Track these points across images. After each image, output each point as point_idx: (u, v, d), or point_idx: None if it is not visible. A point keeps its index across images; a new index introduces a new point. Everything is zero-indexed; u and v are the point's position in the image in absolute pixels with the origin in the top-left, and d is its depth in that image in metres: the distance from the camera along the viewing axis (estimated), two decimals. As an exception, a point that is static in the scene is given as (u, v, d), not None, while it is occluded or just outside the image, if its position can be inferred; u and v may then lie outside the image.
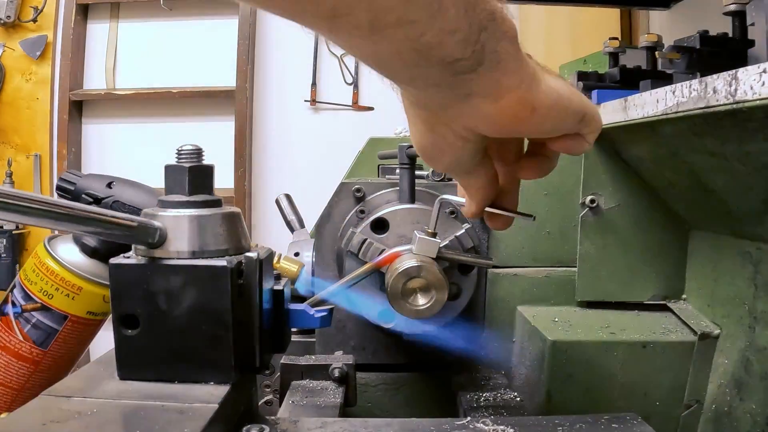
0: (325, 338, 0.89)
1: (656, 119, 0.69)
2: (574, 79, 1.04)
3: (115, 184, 0.73)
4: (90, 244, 0.78)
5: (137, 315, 0.52)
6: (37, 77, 3.21)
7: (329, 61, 3.27)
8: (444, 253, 0.73)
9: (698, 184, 0.74)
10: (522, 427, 0.55)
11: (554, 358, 0.79)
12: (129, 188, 0.74)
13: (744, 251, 0.74)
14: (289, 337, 0.60)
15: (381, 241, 0.79)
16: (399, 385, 0.88)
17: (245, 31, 3.11)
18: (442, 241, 0.76)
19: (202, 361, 0.52)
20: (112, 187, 0.73)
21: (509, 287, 0.88)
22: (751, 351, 0.72)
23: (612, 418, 0.57)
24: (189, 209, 0.54)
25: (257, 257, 0.54)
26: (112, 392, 0.51)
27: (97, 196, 0.72)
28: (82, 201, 0.71)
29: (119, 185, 0.73)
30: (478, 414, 0.73)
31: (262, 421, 0.55)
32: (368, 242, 0.77)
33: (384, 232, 0.80)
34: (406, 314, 0.74)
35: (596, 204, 0.86)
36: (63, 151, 3.15)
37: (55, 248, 0.78)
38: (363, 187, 0.86)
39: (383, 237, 0.80)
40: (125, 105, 3.28)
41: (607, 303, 0.88)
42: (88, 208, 0.49)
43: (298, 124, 3.28)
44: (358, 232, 0.78)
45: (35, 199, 0.45)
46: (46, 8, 3.13)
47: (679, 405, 0.79)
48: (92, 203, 0.71)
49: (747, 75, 0.52)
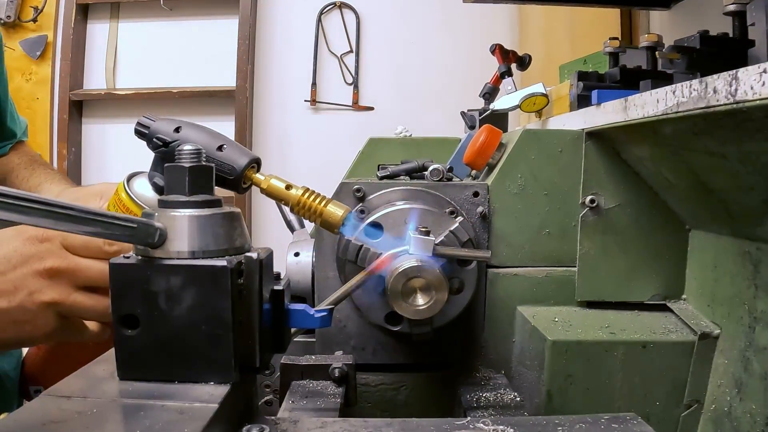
0: (325, 338, 0.89)
1: (656, 119, 0.69)
2: (575, 79, 1.04)
3: (182, 128, 0.75)
4: (160, 183, 0.81)
5: (137, 315, 0.52)
6: (37, 77, 3.21)
7: (329, 61, 3.27)
8: (440, 250, 0.74)
9: (698, 184, 0.74)
10: (522, 427, 0.55)
11: (554, 358, 0.79)
12: (193, 131, 0.75)
13: (744, 251, 0.74)
14: (289, 337, 0.60)
15: (377, 245, 0.79)
16: (399, 385, 0.88)
17: (245, 31, 3.11)
18: (437, 238, 0.76)
19: (202, 361, 0.52)
20: (179, 131, 0.75)
21: (509, 287, 0.88)
22: (751, 351, 0.72)
23: (612, 418, 0.57)
24: (189, 209, 0.54)
25: (257, 257, 0.54)
26: (112, 392, 0.51)
27: (166, 140, 0.75)
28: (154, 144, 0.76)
29: (185, 129, 0.75)
30: (478, 414, 0.73)
31: (262, 421, 0.55)
32: (365, 248, 0.78)
33: (380, 236, 0.80)
34: (406, 314, 0.74)
35: (596, 204, 0.86)
36: (63, 151, 3.16)
37: (131, 185, 0.84)
38: (363, 187, 0.86)
39: (379, 241, 0.80)
40: (125, 105, 3.28)
41: (607, 303, 0.88)
42: (88, 208, 0.49)
43: (298, 124, 3.28)
44: (354, 239, 0.78)
45: (35, 199, 0.45)
46: (46, 8, 3.13)
47: (679, 405, 0.79)
48: (161, 146, 0.75)
49: (747, 75, 0.52)
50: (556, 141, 0.88)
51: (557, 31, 2.32)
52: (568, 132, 0.89)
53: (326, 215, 0.70)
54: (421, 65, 3.22)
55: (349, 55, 3.26)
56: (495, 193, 0.87)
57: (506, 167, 0.88)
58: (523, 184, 0.88)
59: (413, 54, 3.23)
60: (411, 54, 3.23)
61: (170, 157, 0.72)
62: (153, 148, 0.76)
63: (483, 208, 0.86)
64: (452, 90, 3.04)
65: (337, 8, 3.26)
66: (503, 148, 0.92)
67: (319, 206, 0.70)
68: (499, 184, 0.87)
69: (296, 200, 0.70)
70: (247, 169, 0.71)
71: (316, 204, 0.70)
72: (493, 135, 0.92)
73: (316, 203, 0.70)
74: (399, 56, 3.25)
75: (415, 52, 3.23)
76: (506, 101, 1.21)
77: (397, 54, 3.25)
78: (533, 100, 1.17)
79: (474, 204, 0.87)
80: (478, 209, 0.86)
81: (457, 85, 3.00)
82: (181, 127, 0.75)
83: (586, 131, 0.87)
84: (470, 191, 0.87)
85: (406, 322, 0.81)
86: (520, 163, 0.88)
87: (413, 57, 3.23)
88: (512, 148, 0.88)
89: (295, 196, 0.70)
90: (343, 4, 3.26)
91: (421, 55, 3.22)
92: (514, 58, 1.42)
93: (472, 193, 0.87)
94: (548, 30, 2.44)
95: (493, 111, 1.24)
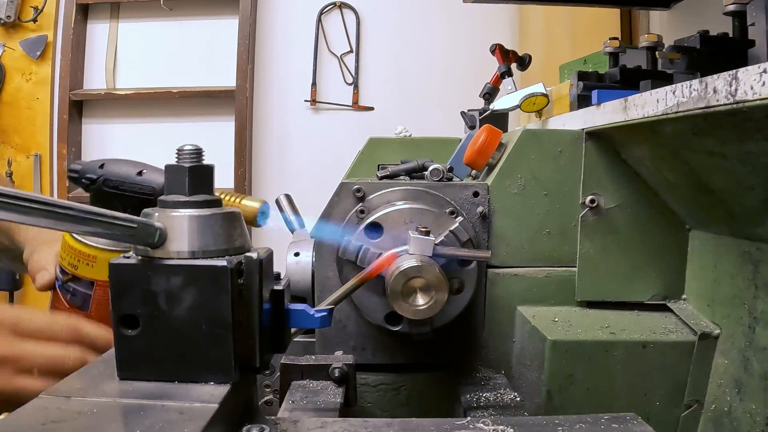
0: (325, 338, 0.89)
1: (656, 119, 0.69)
2: (575, 79, 1.04)
3: (106, 165, 0.84)
4: None
5: (137, 315, 0.52)
6: (37, 77, 3.21)
7: (329, 61, 3.27)
8: (440, 250, 0.73)
9: (698, 184, 0.74)
10: (522, 427, 0.55)
11: (554, 358, 0.79)
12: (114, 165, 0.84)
13: (744, 251, 0.74)
14: (289, 337, 0.60)
15: (377, 245, 0.79)
16: (399, 385, 0.88)
17: (245, 31, 3.11)
18: (437, 238, 0.76)
19: (202, 361, 0.52)
20: (103, 168, 0.83)
21: (509, 287, 0.88)
22: (751, 351, 0.72)
23: (612, 418, 0.57)
24: (189, 209, 0.54)
25: (257, 257, 0.54)
26: (112, 392, 0.51)
27: (93, 177, 0.83)
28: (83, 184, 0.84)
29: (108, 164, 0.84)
30: (478, 414, 0.73)
31: (262, 421, 0.55)
32: (364, 248, 0.78)
33: (379, 236, 0.80)
34: (406, 314, 0.74)
35: (596, 204, 0.86)
36: (63, 151, 3.15)
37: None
38: (363, 187, 0.86)
39: (378, 240, 0.80)
40: (125, 105, 3.28)
41: (607, 303, 0.88)
42: (88, 208, 0.49)
43: (298, 124, 3.28)
44: (353, 240, 0.78)
45: (35, 199, 0.45)
46: (46, 8, 3.13)
47: (679, 405, 0.79)
48: (89, 185, 0.82)
49: (747, 75, 0.52)
50: (556, 141, 0.88)
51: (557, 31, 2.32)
52: (568, 132, 0.89)
53: (242, 210, 0.71)
54: (421, 65, 3.22)
55: (349, 55, 3.26)
56: (495, 193, 0.87)
57: (506, 167, 0.88)
58: (523, 184, 0.88)
59: (413, 54, 3.23)
60: (411, 54, 3.23)
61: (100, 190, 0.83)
62: (84, 188, 0.84)
63: (483, 208, 0.86)
64: (452, 90, 3.04)
65: (337, 8, 3.26)
66: (503, 148, 0.92)
67: (235, 202, 0.71)
68: (499, 184, 0.88)
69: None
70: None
71: (232, 201, 0.71)
72: (493, 135, 0.92)
73: (232, 201, 0.71)
74: (399, 56, 3.25)
75: (415, 52, 3.23)
76: (506, 101, 1.21)
77: (397, 54, 3.25)
78: (533, 100, 1.17)
79: (474, 204, 0.87)
80: (478, 209, 0.86)
81: (457, 85, 3.00)
82: (104, 164, 0.83)
83: (586, 131, 0.87)
84: (470, 191, 0.87)
85: (406, 322, 0.81)
86: (520, 163, 0.88)
87: (413, 57, 3.23)
88: (512, 148, 0.88)
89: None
90: (343, 4, 3.26)
91: (421, 55, 3.22)
92: (514, 58, 1.42)
93: (472, 193, 0.87)
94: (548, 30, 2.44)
95: (493, 111, 1.24)
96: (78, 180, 0.83)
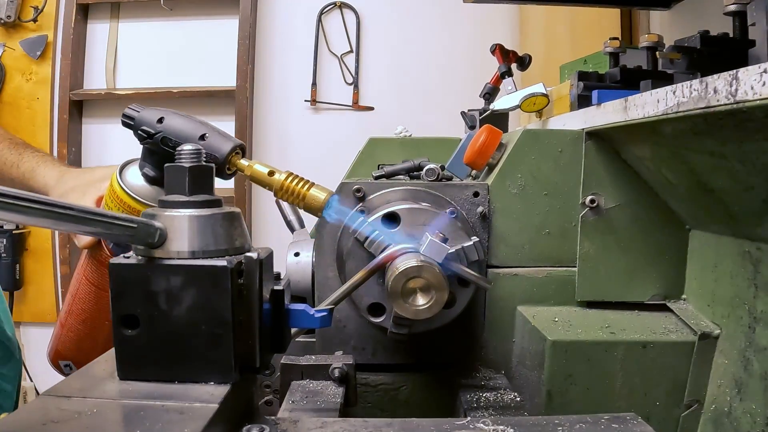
0: (325, 338, 0.89)
1: (656, 119, 0.69)
2: (575, 79, 1.04)
3: (165, 119, 0.77)
4: (149, 174, 0.86)
5: (137, 315, 0.52)
6: (38, 77, 3.21)
7: (329, 61, 3.27)
8: (448, 263, 0.73)
9: (698, 184, 0.74)
10: (522, 427, 0.55)
11: (554, 358, 0.78)
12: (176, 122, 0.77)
13: (744, 251, 0.74)
14: (289, 337, 0.60)
15: (389, 236, 0.78)
16: (399, 385, 0.88)
17: (245, 31, 3.11)
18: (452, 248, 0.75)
19: (202, 361, 0.52)
20: (162, 123, 0.77)
21: (509, 287, 0.88)
22: (751, 351, 0.72)
23: (612, 418, 0.57)
24: (189, 209, 0.54)
25: (257, 257, 0.54)
26: (112, 392, 0.51)
27: (150, 132, 0.77)
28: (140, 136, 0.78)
29: (168, 119, 0.77)
30: (478, 414, 0.73)
31: (262, 421, 0.55)
32: (376, 233, 0.77)
33: (394, 227, 0.80)
34: (406, 314, 0.74)
35: (596, 204, 0.86)
36: (63, 151, 3.15)
37: (123, 176, 0.89)
38: (363, 187, 0.86)
39: (392, 232, 0.79)
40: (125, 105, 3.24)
41: (607, 303, 0.88)
42: (88, 208, 0.49)
43: (298, 124, 3.27)
44: (369, 221, 0.77)
45: (35, 199, 0.45)
46: (46, 8, 3.12)
47: (679, 405, 0.79)
48: (146, 138, 0.77)
49: (747, 75, 0.52)
50: (556, 141, 0.88)
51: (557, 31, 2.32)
52: (568, 132, 0.88)
53: (309, 199, 0.70)
54: (421, 65, 3.22)
55: (349, 55, 3.26)
56: (495, 193, 0.87)
57: (506, 167, 0.88)
58: (523, 184, 0.88)
59: (413, 54, 3.23)
60: (411, 54, 3.23)
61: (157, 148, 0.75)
62: (139, 139, 0.78)
63: (483, 208, 0.86)
64: (452, 90, 3.03)
65: (337, 8, 3.26)
66: (503, 148, 0.92)
67: (302, 190, 0.70)
68: (499, 184, 0.87)
69: (279, 185, 0.70)
70: (231, 155, 0.72)
71: (299, 188, 0.70)
72: (493, 135, 0.92)
73: (299, 187, 0.70)
74: (399, 56, 3.24)
75: (415, 52, 3.22)
76: (506, 101, 1.21)
77: (397, 54, 3.25)
78: (533, 100, 1.17)
79: (474, 204, 0.87)
80: (478, 209, 0.86)
81: (457, 85, 3.00)
82: (164, 118, 0.77)
83: (586, 131, 0.87)
84: (470, 191, 0.87)
85: (387, 316, 0.80)
86: (520, 163, 0.88)
87: (413, 57, 3.23)
88: (512, 148, 0.88)
89: (278, 180, 0.71)
90: (343, 4, 3.25)
91: (422, 55, 3.22)
92: (514, 58, 1.42)
93: (472, 193, 0.87)
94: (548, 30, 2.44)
95: (493, 111, 1.24)
96: (133, 128, 0.78)
